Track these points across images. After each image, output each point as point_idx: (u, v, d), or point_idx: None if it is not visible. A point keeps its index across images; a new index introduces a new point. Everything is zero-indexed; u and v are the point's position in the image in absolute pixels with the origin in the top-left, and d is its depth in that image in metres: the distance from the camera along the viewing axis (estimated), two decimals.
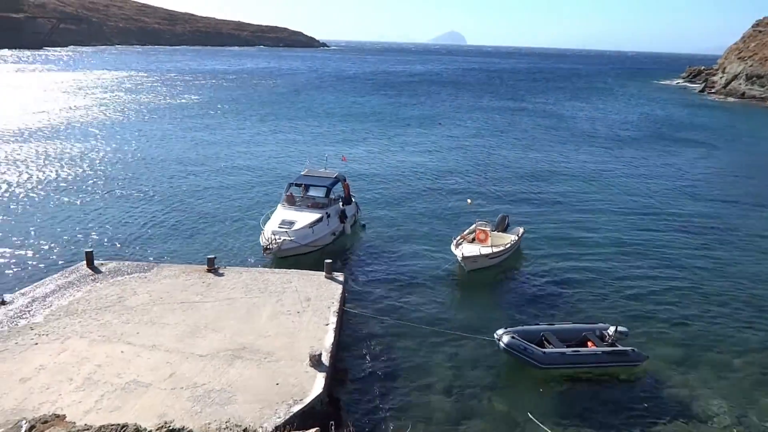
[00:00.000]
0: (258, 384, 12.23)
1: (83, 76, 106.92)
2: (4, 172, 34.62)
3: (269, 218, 23.54)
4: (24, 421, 6.90)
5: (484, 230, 23.04)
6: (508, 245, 22.83)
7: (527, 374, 15.35)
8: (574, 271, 22.68)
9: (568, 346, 15.75)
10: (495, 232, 23.71)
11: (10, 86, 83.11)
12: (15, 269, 21.05)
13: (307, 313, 15.79)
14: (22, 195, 30.22)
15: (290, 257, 21.67)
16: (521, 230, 24.71)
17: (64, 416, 7.44)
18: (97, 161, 38.78)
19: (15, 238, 24.02)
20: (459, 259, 21.50)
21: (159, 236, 25.05)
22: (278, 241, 21.42)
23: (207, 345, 13.83)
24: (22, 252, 22.66)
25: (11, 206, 28.26)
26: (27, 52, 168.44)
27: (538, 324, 17.05)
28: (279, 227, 22.26)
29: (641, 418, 13.90)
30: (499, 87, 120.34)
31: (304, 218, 23.01)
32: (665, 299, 20.49)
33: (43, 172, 35.09)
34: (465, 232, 23.66)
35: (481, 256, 21.44)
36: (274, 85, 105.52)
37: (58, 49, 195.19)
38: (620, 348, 15.79)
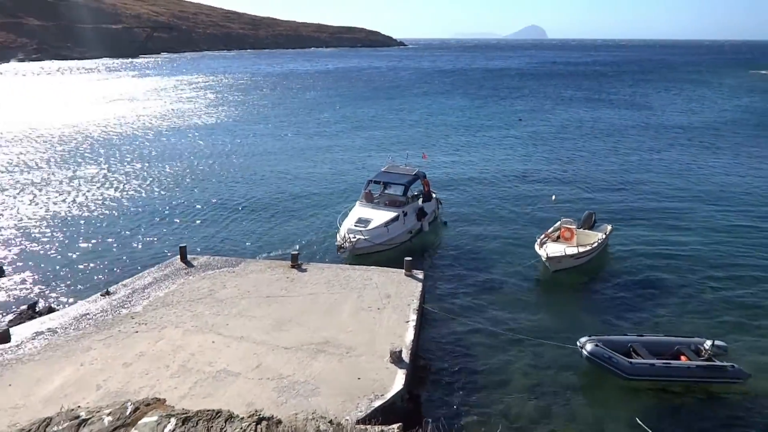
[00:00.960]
0: (340, 378, 12.46)
1: (176, 80, 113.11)
2: (114, 172, 37.24)
3: (347, 215, 23.88)
4: (129, 403, 7.39)
5: (569, 228, 22.31)
6: (595, 244, 21.96)
7: (612, 383, 14.68)
8: (666, 276, 21.33)
9: (658, 359, 14.89)
10: (581, 230, 22.86)
11: (109, 92, 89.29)
12: (118, 263, 22.60)
13: (387, 309, 15.92)
14: (124, 194, 32.39)
15: (367, 254, 21.88)
16: (609, 228, 23.68)
17: (164, 400, 7.90)
18: (191, 161, 40.92)
19: (118, 234, 25.78)
20: (543, 258, 20.94)
21: (246, 231, 26.10)
22: (352, 239, 21.65)
23: (291, 338, 14.24)
24: (124, 247, 24.30)
25: (116, 204, 30.34)
26: (124, 60, 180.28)
27: (625, 335, 16.20)
28: (354, 225, 22.50)
29: None
30: (582, 81, 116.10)
31: (379, 217, 23.10)
32: None
33: (144, 172, 37.44)
34: (549, 231, 22.98)
35: (567, 256, 20.77)
36: (355, 84, 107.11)
37: (152, 56, 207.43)
38: (717, 363, 14.64)
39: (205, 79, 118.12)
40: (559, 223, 23.24)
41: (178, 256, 19.48)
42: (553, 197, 27.60)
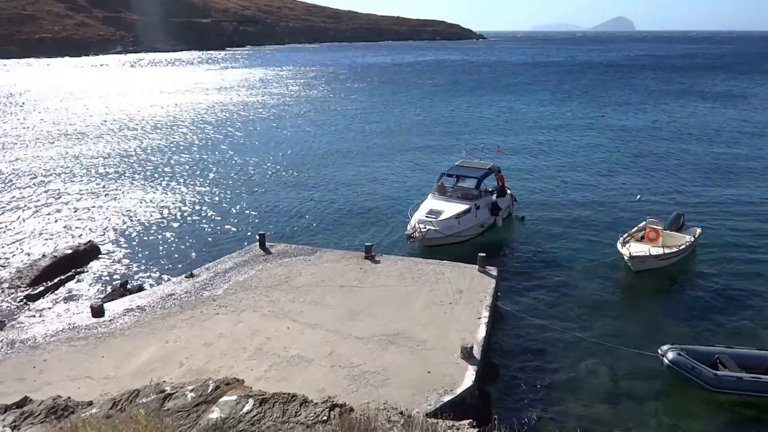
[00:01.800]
0: (410, 370, 12.51)
1: (262, 72, 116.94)
2: (202, 159, 39.10)
3: (418, 207, 23.90)
4: (210, 381, 7.75)
5: (655, 229, 21.27)
6: (682, 247, 20.83)
7: (694, 395, 13.86)
8: (759, 286, 19.85)
9: (747, 373, 13.93)
10: (667, 232, 21.73)
11: (199, 82, 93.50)
12: (202, 246, 23.71)
13: (459, 305, 15.81)
14: (209, 180, 33.91)
15: (438, 246, 21.80)
16: (698, 231, 22.37)
17: (242, 381, 8.23)
18: (274, 150, 42.29)
19: (203, 220, 27.04)
20: (625, 258, 20.10)
21: (322, 221, 26.68)
22: (422, 230, 21.65)
23: (364, 328, 14.44)
24: (208, 232, 25.46)
25: (202, 189, 31.82)
26: (212, 52, 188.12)
27: (712, 345, 15.25)
28: (425, 216, 22.50)
29: None
30: (673, 75, 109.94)
31: (451, 209, 23.00)
32: None
33: (230, 160, 39.04)
34: (633, 230, 22.02)
35: (651, 256, 19.84)
36: (433, 77, 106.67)
37: (238, 48, 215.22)
38: None
39: (289, 70, 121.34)
40: (644, 222, 22.23)
41: (258, 243, 20.17)
42: (638, 196, 26.35)
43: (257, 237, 20.39)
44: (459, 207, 23.10)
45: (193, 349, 13.48)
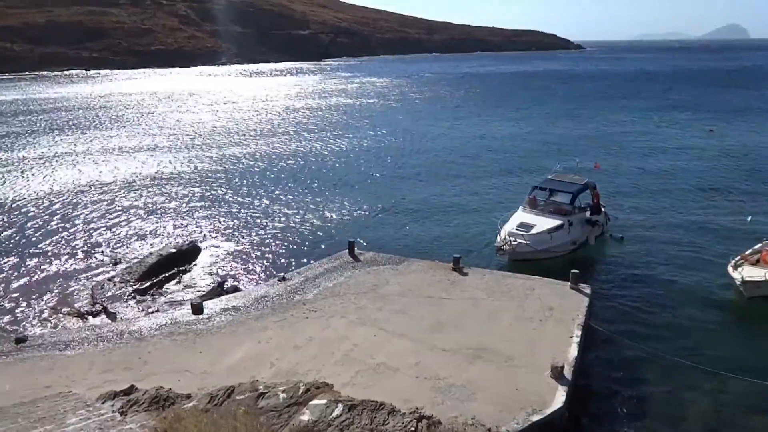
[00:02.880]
0: (497, 386, 12.25)
1: (358, 81, 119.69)
2: (298, 167, 40.57)
3: (507, 220, 23.38)
4: (301, 384, 7.97)
5: None
6: None
7: None
8: None
9: None
10: None
11: (299, 91, 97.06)
12: (294, 251, 24.49)
13: (549, 322, 15.31)
14: (303, 187, 35.05)
15: (528, 261, 21.23)
16: None
17: (332, 385, 8.39)
18: (365, 158, 43.09)
19: (296, 225, 27.95)
20: (737, 282, 18.64)
21: (411, 230, 26.79)
22: (513, 243, 21.17)
23: (450, 340, 14.31)
24: (301, 237, 26.26)
25: (295, 196, 32.94)
26: (310, 63, 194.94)
27: None
28: (516, 229, 21.98)
29: None
30: None
31: (543, 223, 22.35)
32: None
33: (322, 168, 40.20)
34: (747, 252, 20.37)
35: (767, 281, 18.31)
36: (527, 87, 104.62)
37: (334, 59, 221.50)
38: None
39: (384, 80, 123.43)
40: (760, 245, 20.55)
41: (347, 250, 20.56)
42: (749, 218, 24.39)
43: (347, 244, 20.78)
44: (552, 222, 22.43)
45: (283, 350, 13.93)
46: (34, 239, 25.99)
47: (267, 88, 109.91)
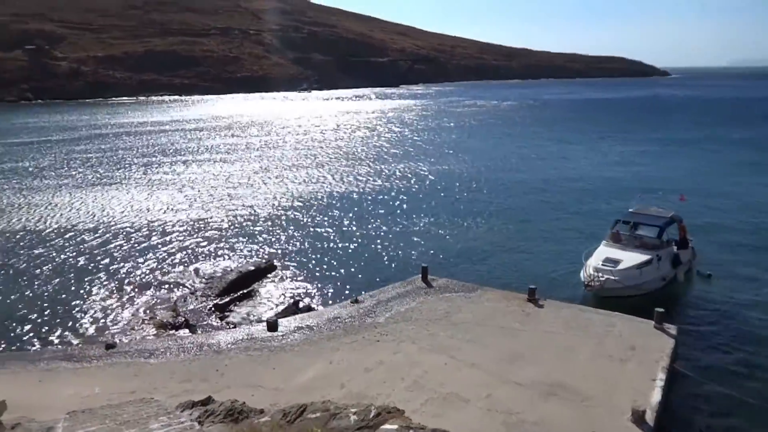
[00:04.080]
0: (572, 426, 11.75)
1: (437, 106, 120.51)
2: (375, 189, 41.19)
3: (591, 254, 22.54)
4: (372, 407, 7.97)
5: None
6: None
7: None
8: None
9: None
10: None
11: (377, 117, 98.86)
12: (367, 274, 24.67)
13: (631, 362, 14.57)
14: (379, 210, 35.43)
15: (612, 297, 20.34)
16: None
17: (403, 411, 8.34)
18: (441, 183, 43.09)
19: (370, 247, 28.23)
20: None
21: (485, 258, 26.40)
22: (601, 278, 20.37)
23: (523, 374, 13.90)
24: (374, 260, 26.47)
25: (372, 219, 33.34)
26: (388, 89, 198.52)
27: None
28: (602, 265, 21.12)
29: None
30: None
31: (631, 258, 21.38)
32: None
33: (395, 191, 40.56)
34: None
35: None
36: (612, 113, 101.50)
37: (412, 86, 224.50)
38: None
39: (463, 106, 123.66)
40: None
41: (420, 276, 20.52)
42: None
43: (420, 269, 20.74)
44: (640, 257, 21.44)
45: (353, 372, 14.00)
46: (127, 254, 27.62)
47: (347, 113, 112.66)
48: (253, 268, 23.75)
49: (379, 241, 29.26)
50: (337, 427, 7.90)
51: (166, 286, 23.28)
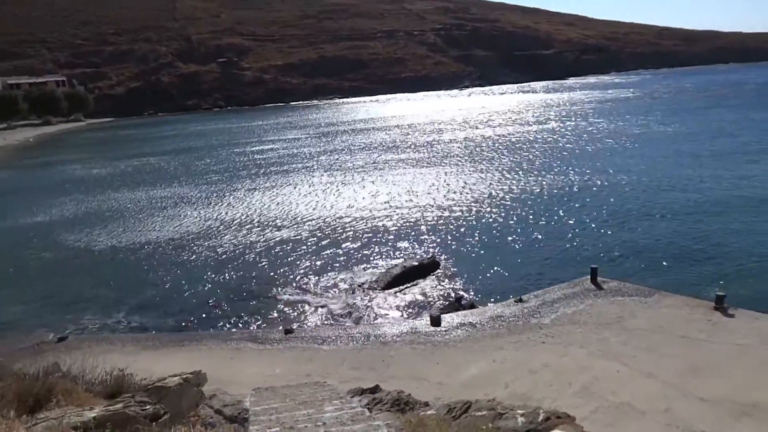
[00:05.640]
0: None
1: (611, 98, 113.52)
2: (546, 186, 40.07)
3: None
4: (540, 410, 7.78)
5: None
6: None
7: None
8: None
9: None
10: None
11: (540, 111, 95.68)
12: (531, 273, 23.99)
13: None
14: (546, 207, 34.27)
15: None
16: None
17: (574, 418, 8.03)
18: (617, 180, 40.39)
19: (535, 245, 27.44)
20: None
21: (662, 261, 24.28)
22: None
23: (708, 389, 12.59)
24: (539, 259, 25.67)
25: (539, 216, 32.39)
26: (554, 82, 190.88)
27: None
28: None
29: None
30: None
31: None
32: None
33: (564, 189, 38.89)
34: None
35: None
36: None
37: (580, 78, 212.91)
38: None
39: (639, 97, 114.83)
40: None
41: (588, 277, 19.52)
42: None
43: (589, 270, 19.71)
44: None
45: (517, 373, 13.75)
46: (305, 246, 29.87)
47: (512, 108, 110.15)
48: (416, 263, 24.35)
49: (544, 239, 28.26)
50: (504, 427, 7.83)
51: (337, 278, 24.75)
